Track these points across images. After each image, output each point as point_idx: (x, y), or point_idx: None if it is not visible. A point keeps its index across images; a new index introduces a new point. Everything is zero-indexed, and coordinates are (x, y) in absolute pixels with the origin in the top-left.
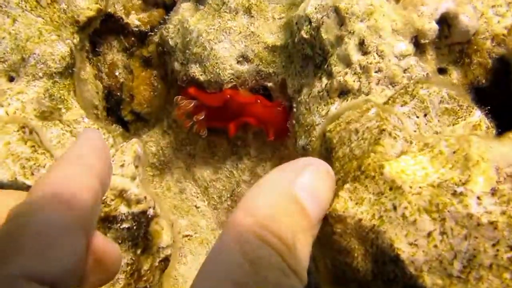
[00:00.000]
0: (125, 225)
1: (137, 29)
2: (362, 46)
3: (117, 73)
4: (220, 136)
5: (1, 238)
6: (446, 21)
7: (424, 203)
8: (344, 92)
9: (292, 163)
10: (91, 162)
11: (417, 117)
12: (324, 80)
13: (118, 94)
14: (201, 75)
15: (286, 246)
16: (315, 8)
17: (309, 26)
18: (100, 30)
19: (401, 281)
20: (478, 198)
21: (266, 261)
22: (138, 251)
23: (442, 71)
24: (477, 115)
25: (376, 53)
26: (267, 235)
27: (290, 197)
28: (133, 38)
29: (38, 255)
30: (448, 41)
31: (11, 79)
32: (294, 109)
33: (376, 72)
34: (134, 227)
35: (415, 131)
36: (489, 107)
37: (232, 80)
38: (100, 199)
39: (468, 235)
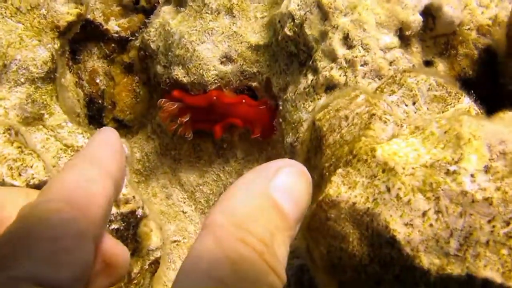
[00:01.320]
0: (113, 226)
1: (117, 35)
2: (346, 40)
3: (98, 80)
4: (205, 139)
5: (10, 238)
6: (430, 13)
7: (417, 183)
8: (330, 87)
9: (268, 164)
10: (108, 164)
11: (406, 105)
12: (310, 76)
13: (100, 101)
14: (184, 77)
15: (265, 245)
16: (298, 5)
17: (292, 23)
18: (80, 37)
19: (398, 262)
20: (472, 175)
21: (246, 259)
22: None
23: (428, 63)
24: (466, 101)
25: (361, 47)
26: (245, 235)
27: (266, 198)
28: (113, 45)
29: (49, 259)
30: (433, 33)
31: None
32: (280, 108)
33: (362, 65)
34: (123, 228)
35: (404, 119)
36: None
37: (216, 81)
38: (112, 203)
39: (463, 212)
